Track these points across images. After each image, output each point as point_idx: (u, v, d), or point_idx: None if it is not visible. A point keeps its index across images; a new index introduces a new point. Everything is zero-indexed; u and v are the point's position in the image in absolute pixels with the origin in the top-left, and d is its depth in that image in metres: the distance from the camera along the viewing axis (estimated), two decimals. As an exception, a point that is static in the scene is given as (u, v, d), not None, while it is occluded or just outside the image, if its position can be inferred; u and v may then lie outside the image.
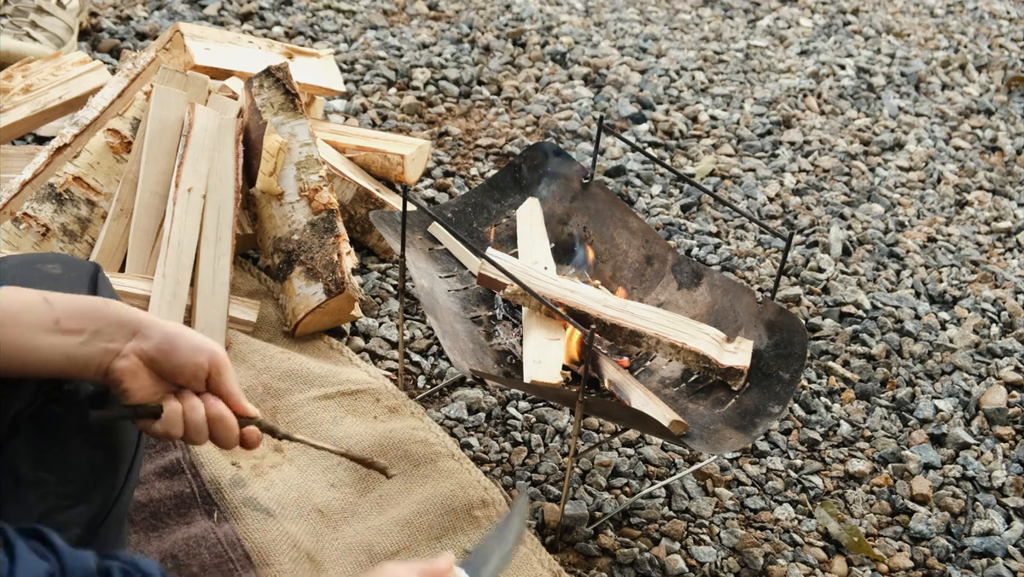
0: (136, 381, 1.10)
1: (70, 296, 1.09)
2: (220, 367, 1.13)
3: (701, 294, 1.92)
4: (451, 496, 1.74)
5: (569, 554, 1.75)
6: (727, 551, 1.81)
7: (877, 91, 3.50)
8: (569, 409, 2.03)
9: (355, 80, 3.05)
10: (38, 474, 1.12)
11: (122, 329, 1.09)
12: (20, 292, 1.07)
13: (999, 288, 2.62)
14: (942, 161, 3.15)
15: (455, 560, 1.11)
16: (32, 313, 1.05)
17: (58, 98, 2.31)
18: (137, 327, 1.09)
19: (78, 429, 1.15)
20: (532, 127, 2.99)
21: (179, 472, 1.69)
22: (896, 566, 1.84)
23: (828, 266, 2.58)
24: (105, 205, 2.03)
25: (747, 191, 2.83)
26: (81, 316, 1.07)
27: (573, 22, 3.67)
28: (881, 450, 2.07)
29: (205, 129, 2.06)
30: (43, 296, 1.06)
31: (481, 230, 2.09)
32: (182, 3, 3.26)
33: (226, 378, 1.14)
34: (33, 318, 1.05)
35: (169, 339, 1.10)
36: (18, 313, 1.04)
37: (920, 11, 4.26)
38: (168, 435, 1.12)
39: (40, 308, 1.06)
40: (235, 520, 1.63)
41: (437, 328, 1.75)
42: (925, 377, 2.29)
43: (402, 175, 2.46)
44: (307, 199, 2.09)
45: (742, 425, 1.69)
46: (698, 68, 3.48)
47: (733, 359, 1.76)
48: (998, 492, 2.02)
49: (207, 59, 2.33)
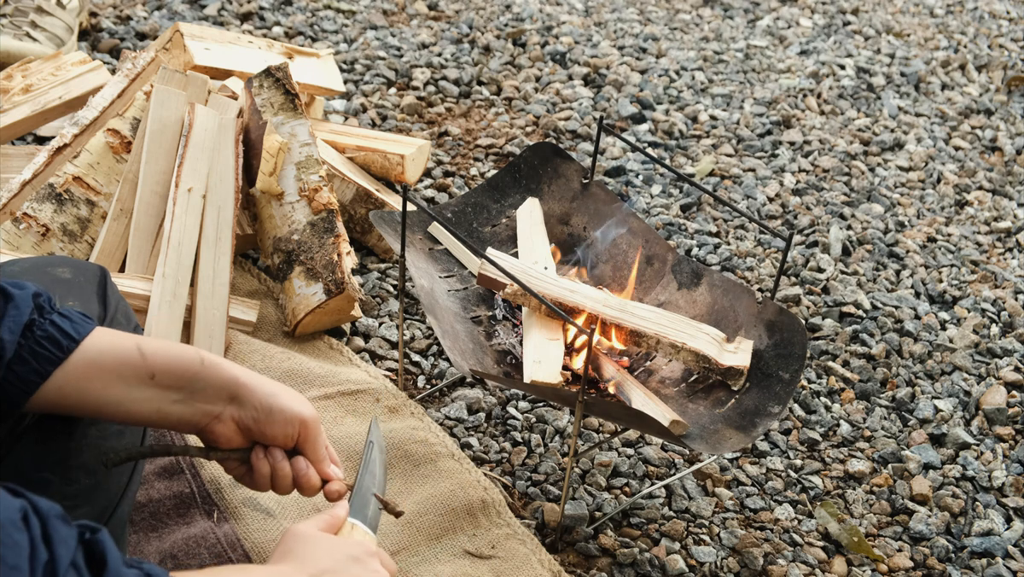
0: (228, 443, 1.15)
1: (162, 344, 1.09)
2: (309, 437, 1.18)
3: (701, 294, 1.92)
4: (451, 496, 1.74)
5: (569, 554, 1.75)
6: (727, 551, 1.81)
7: (877, 91, 3.50)
8: (569, 409, 2.03)
9: (355, 80, 3.05)
10: (42, 475, 1.12)
11: (221, 393, 1.11)
12: (114, 338, 1.06)
13: (999, 288, 2.62)
14: (942, 161, 3.15)
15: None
16: (127, 365, 1.05)
17: (58, 98, 2.31)
18: (235, 392, 1.12)
19: (83, 431, 1.15)
20: (532, 127, 2.99)
21: (179, 472, 1.69)
22: (896, 566, 1.84)
23: (828, 266, 2.58)
24: (105, 205, 2.03)
25: (747, 191, 2.83)
26: (177, 374, 1.08)
27: (573, 22, 3.67)
28: (881, 450, 2.07)
29: (205, 129, 2.06)
30: (137, 344, 1.06)
31: (481, 230, 2.09)
32: (182, 3, 3.26)
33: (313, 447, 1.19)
34: (127, 372, 1.05)
35: (266, 409, 1.13)
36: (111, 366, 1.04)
37: (920, 11, 4.26)
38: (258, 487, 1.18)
39: (135, 359, 1.05)
40: (235, 520, 1.63)
41: (437, 328, 1.75)
42: (925, 377, 2.29)
43: (402, 175, 2.46)
44: (307, 199, 2.09)
45: (742, 425, 1.69)
46: (698, 68, 3.48)
47: (733, 359, 1.76)
48: (998, 492, 2.02)
49: (207, 59, 2.33)
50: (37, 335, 1.00)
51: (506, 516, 1.75)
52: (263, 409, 1.13)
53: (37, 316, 1.01)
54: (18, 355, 0.99)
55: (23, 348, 0.99)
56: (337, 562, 1.08)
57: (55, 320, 1.02)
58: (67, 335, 1.02)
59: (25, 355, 1.00)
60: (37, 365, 1.00)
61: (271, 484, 1.18)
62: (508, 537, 1.72)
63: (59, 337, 1.01)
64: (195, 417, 1.10)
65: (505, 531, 1.73)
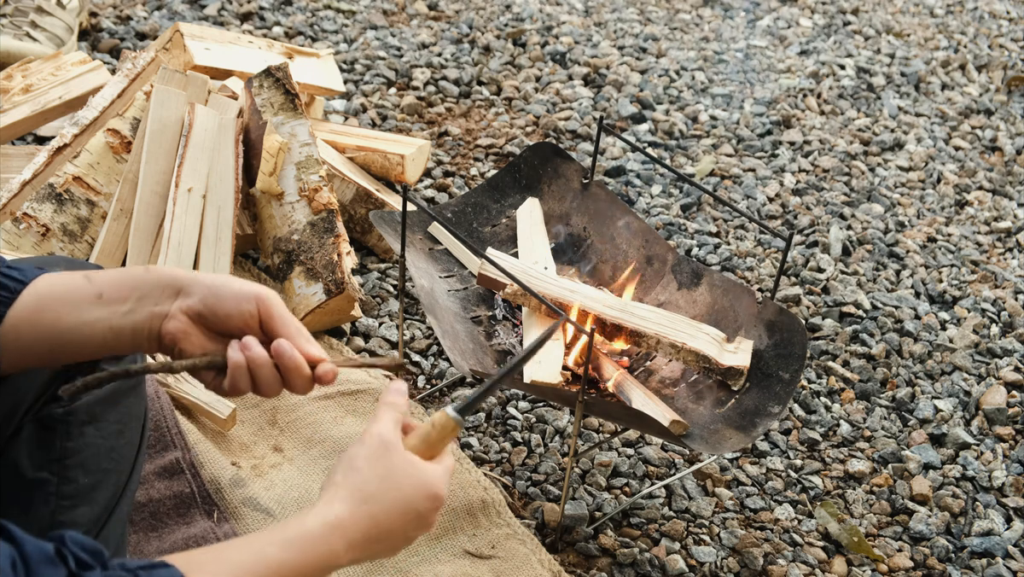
0: (190, 341, 1.04)
1: (109, 269, 1.06)
2: (270, 310, 1.06)
3: (701, 294, 1.92)
4: (451, 496, 1.74)
5: (569, 554, 1.75)
6: (727, 551, 1.81)
7: (877, 91, 3.50)
8: (569, 409, 2.03)
9: (355, 80, 3.05)
10: (40, 475, 1.12)
11: (165, 291, 1.04)
12: (62, 275, 1.05)
13: (999, 288, 2.62)
14: (942, 161, 3.15)
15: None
16: (74, 292, 1.03)
17: (58, 98, 2.31)
18: (180, 286, 1.04)
19: (81, 430, 1.15)
20: (532, 127, 2.99)
21: (179, 472, 1.69)
22: (896, 566, 1.84)
23: (828, 266, 2.58)
24: (105, 205, 2.03)
25: (747, 191, 2.83)
26: (122, 286, 1.04)
27: (573, 22, 3.67)
28: (881, 450, 2.07)
29: (205, 129, 2.06)
30: (83, 274, 1.05)
31: (481, 230, 2.09)
32: (182, 3, 3.26)
33: (280, 321, 1.06)
34: (76, 297, 1.03)
35: (213, 291, 1.04)
36: (60, 294, 1.03)
37: (920, 11, 4.26)
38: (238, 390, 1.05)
39: (81, 284, 1.03)
40: (235, 520, 1.63)
41: (437, 328, 1.75)
42: (925, 377, 2.29)
43: (402, 175, 2.46)
44: (307, 199, 2.09)
45: (742, 425, 1.69)
46: (698, 68, 3.48)
47: (733, 359, 1.76)
48: (998, 492, 2.02)
49: (207, 59, 2.33)
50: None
51: (506, 516, 1.75)
52: (210, 291, 1.04)
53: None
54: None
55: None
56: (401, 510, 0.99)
57: (3, 271, 1.03)
58: (15, 280, 1.02)
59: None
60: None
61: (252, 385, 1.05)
62: (508, 537, 1.72)
63: (7, 282, 1.02)
64: (147, 322, 1.03)
65: (505, 531, 1.73)
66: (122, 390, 1.23)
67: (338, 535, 0.96)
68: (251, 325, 1.05)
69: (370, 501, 0.98)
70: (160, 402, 1.77)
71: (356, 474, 1.00)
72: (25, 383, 1.13)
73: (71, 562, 0.79)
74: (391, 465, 1.00)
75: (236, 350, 1.03)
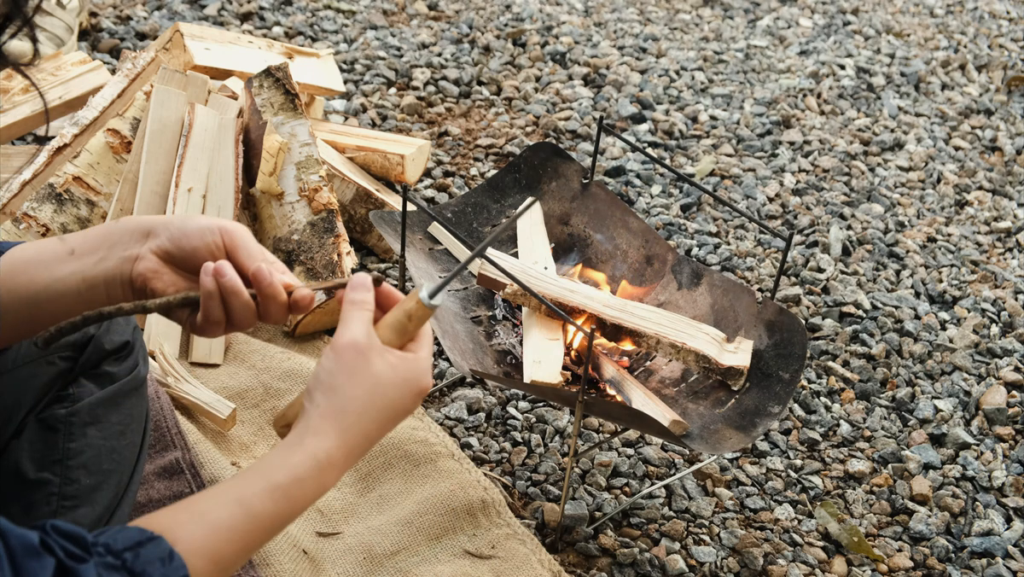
0: (161, 281, 1.02)
1: (85, 231, 1.06)
2: (235, 240, 1.03)
3: (701, 294, 1.92)
4: (451, 496, 1.74)
5: (569, 554, 1.75)
6: (727, 551, 1.81)
7: (877, 91, 3.50)
8: (569, 409, 2.03)
9: (355, 80, 3.05)
10: (42, 475, 1.12)
11: (134, 235, 1.03)
12: (35, 242, 1.05)
13: (999, 288, 2.62)
14: (942, 161, 3.15)
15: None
16: (47, 252, 1.03)
17: (58, 98, 2.31)
18: (148, 228, 1.03)
19: (82, 431, 1.16)
20: (532, 127, 2.99)
21: (179, 472, 1.68)
22: (896, 566, 1.84)
23: (828, 266, 2.58)
24: (105, 205, 2.03)
25: (747, 191, 2.83)
26: (94, 238, 1.03)
27: (573, 22, 3.67)
28: (881, 450, 2.07)
29: (205, 129, 2.06)
30: (57, 237, 1.05)
31: (481, 230, 2.09)
32: (182, 3, 3.26)
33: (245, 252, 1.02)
34: (48, 256, 1.03)
35: (178, 226, 1.03)
36: (32, 256, 1.03)
37: (920, 11, 4.26)
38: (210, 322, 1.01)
39: (54, 245, 1.03)
40: (235, 520, 1.63)
41: (437, 328, 1.75)
42: (925, 377, 2.29)
43: (402, 175, 2.46)
44: (307, 199, 2.09)
45: (742, 425, 1.69)
46: (698, 68, 3.48)
47: (733, 359, 1.77)
48: (998, 492, 2.02)
49: (207, 59, 2.33)
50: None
51: (506, 516, 1.75)
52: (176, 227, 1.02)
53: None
54: None
55: None
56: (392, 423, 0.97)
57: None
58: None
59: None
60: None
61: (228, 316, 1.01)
62: (508, 537, 1.72)
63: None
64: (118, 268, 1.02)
65: (505, 531, 1.73)
66: (124, 392, 1.23)
67: (330, 470, 0.93)
68: (218, 257, 1.02)
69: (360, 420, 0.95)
70: (160, 402, 1.77)
71: (337, 395, 0.95)
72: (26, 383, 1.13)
73: (58, 551, 0.78)
74: (372, 374, 0.96)
75: (208, 276, 1.00)
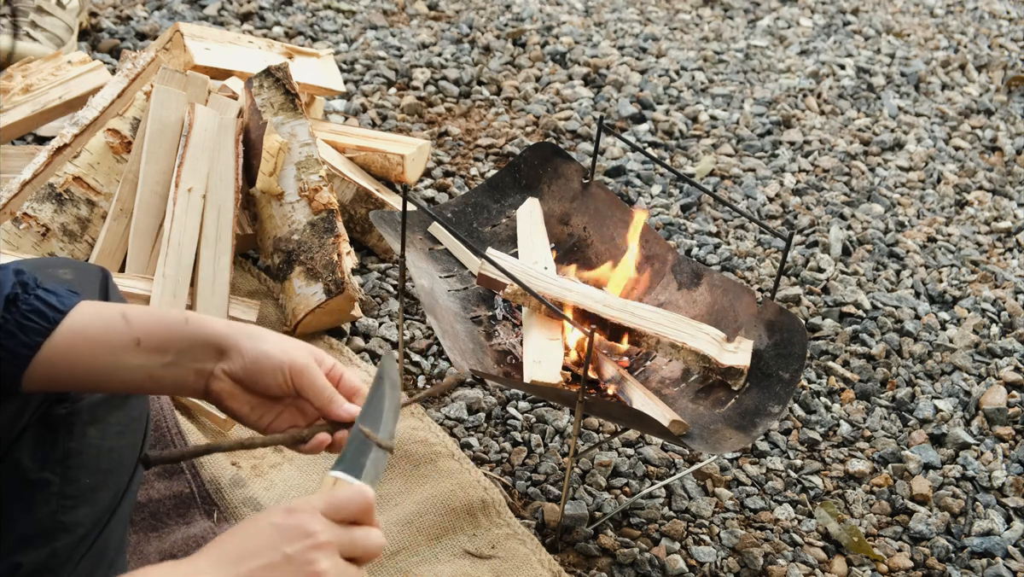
0: (237, 401, 1.09)
1: (147, 310, 1.08)
2: (304, 383, 1.08)
3: (701, 294, 1.92)
4: (451, 496, 1.74)
5: (569, 554, 1.75)
6: (727, 551, 1.81)
7: (877, 91, 3.50)
8: (569, 409, 2.03)
9: (355, 80, 3.05)
10: (43, 475, 1.12)
11: (206, 349, 1.06)
12: (98, 307, 1.06)
13: (999, 288, 2.62)
14: (942, 161, 3.15)
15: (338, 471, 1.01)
16: (112, 333, 1.04)
17: (58, 98, 2.31)
18: (221, 347, 1.07)
19: (83, 431, 1.15)
20: (532, 127, 2.99)
21: (179, 472, 1.69)
22: (896, 566, 1.84)
23: (828, 266, 2.58)
24: (105, 205, 2.03)
25: (747, 191, 2.83)
26: (161, 336, 1.05)
27: (573, 22, 3.67)
28: (881, 450, 2.07)
29: (205, 129, 2.06)
30: (121, 312, 1.05)
31: (481, 230, 2.09)
32: (182, 3, 3.26)
33: (312, 392, 1.08)
34: (113, 338, 1.03)
35: (254, 359, 1.07)
36: (97, 334, 1.03)
37: (920, 11, 4.26)
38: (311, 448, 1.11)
39: (119, 326, 1.04)
40: (235, 520, 1.63)
41: (437, 328, 1.75)
42: (925, 377, 2.29)
43: (402, 175, 2.46)
44: (307, 199, 2.09)
45: (742, 425, 1.69)
46: (698, 68, 3.48)
47: (733, 359, 1.76)
48: (998, 492, 2.02)
49: (207, 59, 2.33)
50: (23, 309, 1.01)
51: (506, 516, 1.75)
52: (250, 357, 1.06)
53: (21, 292, 1.03)
54: (5, 329, 1.00)
55: (8, 322, 1.01)
56: (267, 560, 0.91)
57: (40, 295, 1.03)
58: (53, 307, 1.02)
59: (12, 328, 1.00)
60: (25, 338, 1.00)
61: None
62: (508, 537, 1.72)
63: (45, 309, 1.02)
64: (188, 378, 1.06)
65: (505, 531, 1.73)
66: (123, 392, 1.23)
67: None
68: (288, 393, 1.10)
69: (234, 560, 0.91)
70: (160, 402, 1.77)
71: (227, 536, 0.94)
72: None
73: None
74: (256, 517, 0.96)
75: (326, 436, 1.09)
